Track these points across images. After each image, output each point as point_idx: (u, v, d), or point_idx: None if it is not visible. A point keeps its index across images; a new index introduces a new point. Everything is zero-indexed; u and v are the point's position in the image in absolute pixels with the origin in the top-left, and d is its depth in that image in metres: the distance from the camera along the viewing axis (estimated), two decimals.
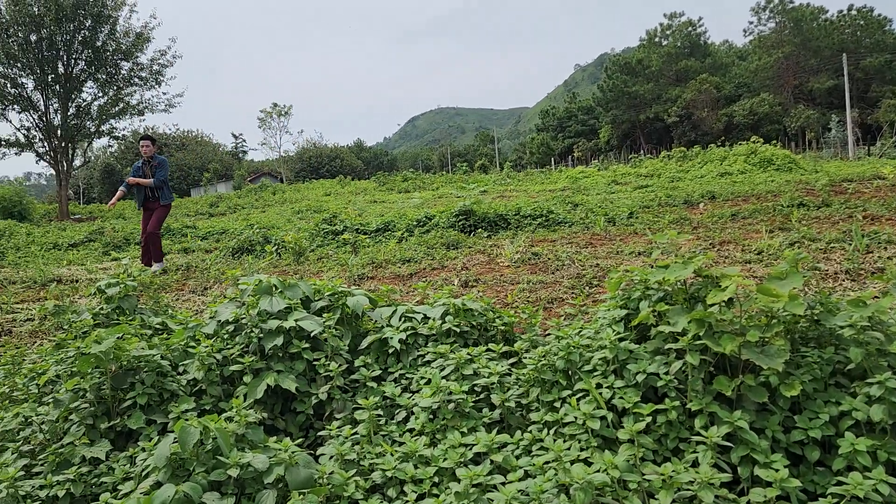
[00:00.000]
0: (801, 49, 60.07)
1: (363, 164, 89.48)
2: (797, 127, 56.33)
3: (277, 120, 78.21)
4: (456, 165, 68.60)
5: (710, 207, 11.23)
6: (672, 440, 2.50)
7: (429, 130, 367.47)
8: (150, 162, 9.98)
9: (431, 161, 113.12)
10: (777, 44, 61.61)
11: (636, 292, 3.02)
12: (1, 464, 2.75)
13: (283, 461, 2.49)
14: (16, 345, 5.68)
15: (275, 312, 3.43)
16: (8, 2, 30.91)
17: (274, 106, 77.41)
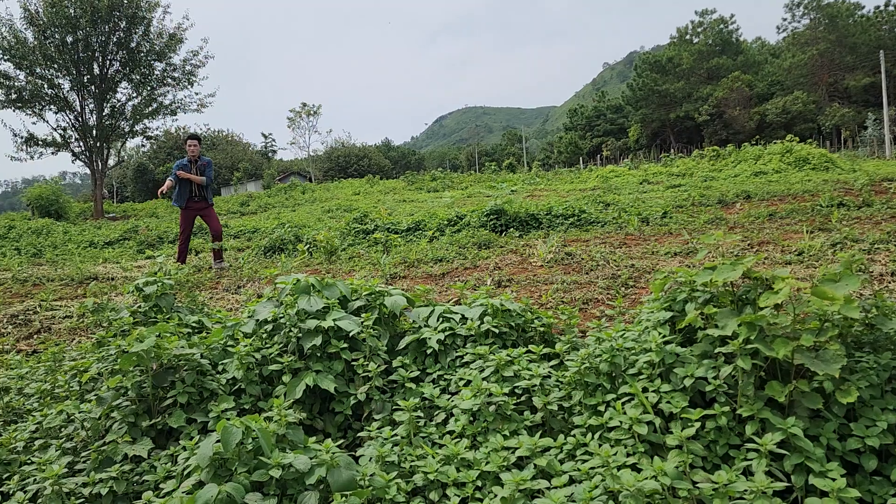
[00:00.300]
0: (837, 46, 58.90)
1: (391, 164, 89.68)
2: (832, 125, 55.28)
3: (306, 119, 78.80)
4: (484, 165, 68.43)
5: (747, 207, 11.04)
6: (722, 447, 2.44)
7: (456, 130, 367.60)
8: (196, 161, 9.99)
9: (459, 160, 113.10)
10: (811, 41, 60.50)
11: (681, 294, 2.95)
12: (45, 461, 2.77)
13: (324, 462, 2.47)
14: (55, 341, 5.76)
15: (313, 312, 3.42)
16: (45, 4, 31.51)
17: (303, 105, 78.00)
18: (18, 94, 32.80)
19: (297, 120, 78.80)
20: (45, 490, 2.61)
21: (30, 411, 3.65)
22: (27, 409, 3.70)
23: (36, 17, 31.88)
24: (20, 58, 31.65)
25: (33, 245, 16.54)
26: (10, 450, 3.07)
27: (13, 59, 31.78)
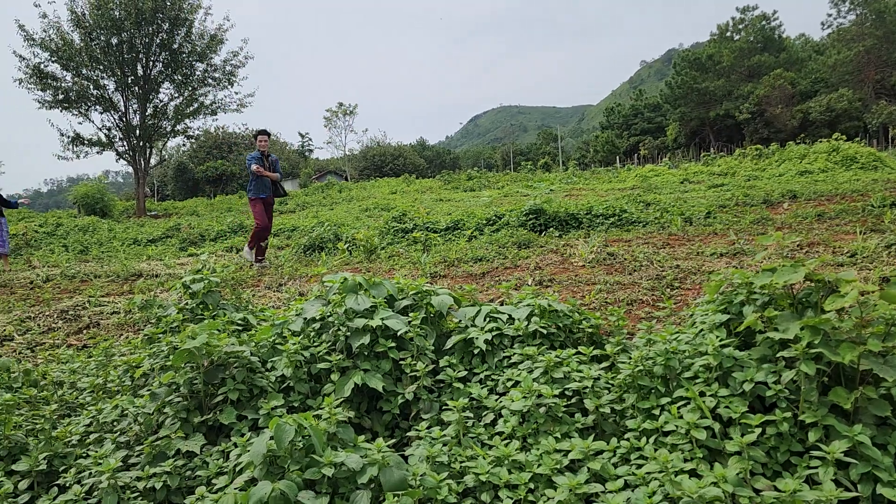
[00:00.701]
0: (884, 42, 57.27)
1: (426, 163, 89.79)
2: (878, 123, 53.79)
3: (343, 119, 79.44)
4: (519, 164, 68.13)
5: (793, 207, 10.79)
6: (783, 453, 2.37)
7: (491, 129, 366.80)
8: (268, 157, 10.13)
9: (494, 160, 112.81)
10: (857, 37, 58.93)
11: (738, 296, 2.88)
12: (101, 455, 2.81)
13: (376, 461, 2.47)
14: (104, 337, 5.87)
15: (360, 311, 3.42)
16: (91, 6, 32.22)
17: (339, 105, 78.64)
18: (65, 95, 33.59)
19: (334, 119, 79.51)
20: (101, 484, 2.65)
21: (83, 405, 3.72)
22: (80, 402, 3.77)
23: (82, 19, 32.62)
24: (67, 59, 32.42)
25: (80, 242, 16.93)
26: (66, 443, 3.13)
27: (60, 61, 32.56)
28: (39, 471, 2.90)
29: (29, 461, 2.89)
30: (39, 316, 6.97)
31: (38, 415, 3.40)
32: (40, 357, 5.32)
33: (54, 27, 32.52)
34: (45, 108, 33.60)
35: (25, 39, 32.03)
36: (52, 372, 4.34)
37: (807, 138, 41.91)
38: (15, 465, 2.92)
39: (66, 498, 2.68)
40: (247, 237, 14.53)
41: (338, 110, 79.16)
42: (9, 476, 2.93)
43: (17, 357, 5.44)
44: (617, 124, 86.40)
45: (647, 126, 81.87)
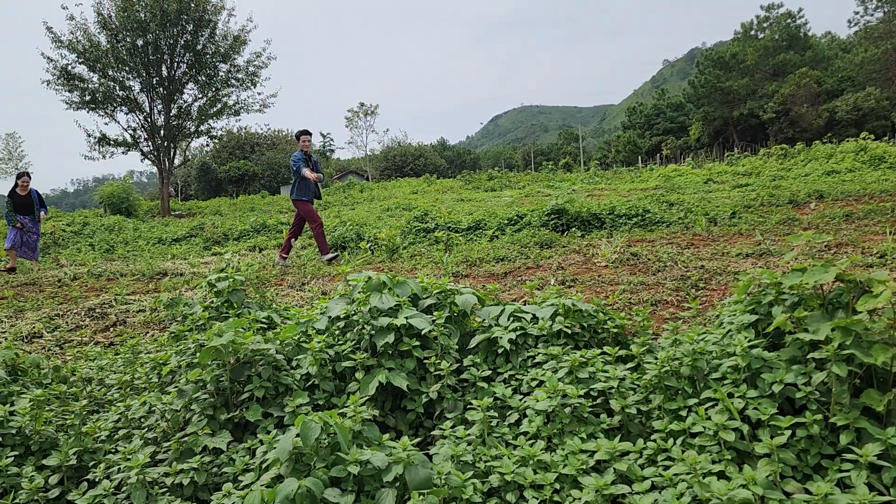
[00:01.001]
0: None
1: (446, 163, 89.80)
2: None
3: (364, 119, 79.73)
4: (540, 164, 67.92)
5: (820, 208, 10.65)
6: (813, 456, 2.33)
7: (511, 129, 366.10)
8: (310, 157, 10.08)
9: (514, 160, 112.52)
10: (885, 34, 57.94)
11: (767, 297, 2.85)
12: (129, 451, 2.84)
13: (401, 460, 2.47)
14: (131, 334, 5.94)
15: (385, 309, 3.43)
16: (118, 8, 32.64)
17: (361, 105, 78.96)
18: (92, 96, 34.05)
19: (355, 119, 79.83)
20: (130, 479, 2.69)
21: (111, 401, 3.77)
22: (108, 399, 3.82)
23: (109, 21, 33.04)
24: (94, 61, 32.87)
25: (106, 241, 17.16)
26: (95, 438, 3.17)
27: (87, 62, 33.03)
28: (69, 466, 2.94)
29: (59, 456, 2.93)
30: (67, 313, 7.07)
31: (67, 410, 3.45)
32: (69, 354, 5.40)
33: (81, 29, 33.00)
34: (72, 109, 34.12)
35: (53, 41, 32.53)
36: (81, 368, 4.40)
37: (833, 138, 41.30)
38: (46, 460, 2.97)
39: (96, 493, 2.72)
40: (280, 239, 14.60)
41: (359, 110, 79.51)
42: (39, 471, 2.97)
43: (46, 354, 5.52)
44: (639, 124, 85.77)
45: (669, 126, 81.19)
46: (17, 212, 12.03)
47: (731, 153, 37.76)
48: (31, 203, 12.21)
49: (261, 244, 13.72)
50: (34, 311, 7.44)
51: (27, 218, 12.16)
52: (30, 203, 12.20)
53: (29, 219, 12.19)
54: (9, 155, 57.45)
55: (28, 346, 5.93)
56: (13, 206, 12.05)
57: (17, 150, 58.06)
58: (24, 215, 12.12)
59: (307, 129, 10.22)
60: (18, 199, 12.13)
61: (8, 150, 57.60)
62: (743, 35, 68.71)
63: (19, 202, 12.12)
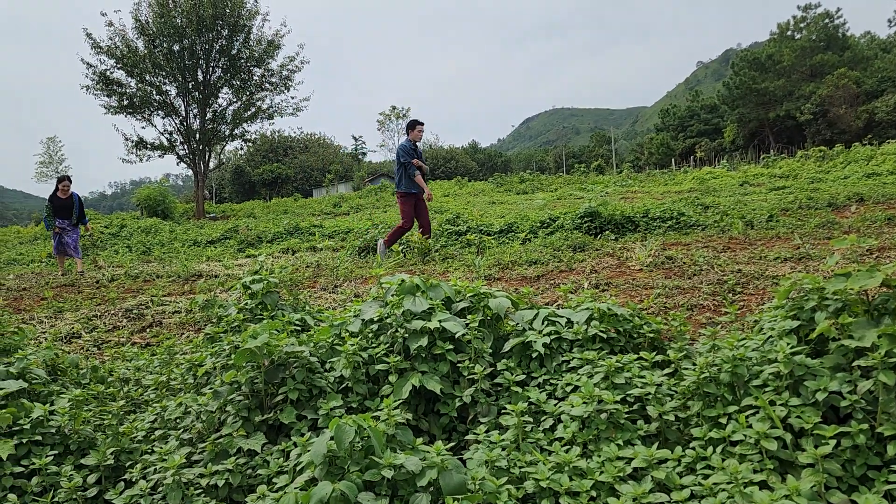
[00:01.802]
0: None
1: (477, 166, 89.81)
2: None
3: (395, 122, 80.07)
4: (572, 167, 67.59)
5: (861, 211, 10.40)
6: (859, 467, 2.26)
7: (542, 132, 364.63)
8: (419, 149, 9.79)
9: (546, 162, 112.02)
10: None
11: (810, 302, 2.77)
12: (166, 451, 2.87)
13: (435, 464, 2.45)
14: (167, 335, 6.02)
15: (418, 313, 3.42)
16: (155, 15, 33.30)
17: (392, 108, 79.40)
18: (130, 101, 34.78)
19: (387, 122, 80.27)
20: (166, 480, 2.71)
21: (147, 402, 3.82)
22: (145, 399, 3.87)
23: (146, 27, 33.74)
24: (132, 66, 33.57)
25: (143, 243, 17.47)
26: (132, 439, 3.21)
27: (125, 68, 33.74)
28: (107, 465, 2.98)
29: (97, 456, 2.97)
30: (105, 314, 7.20)
31: (105, 410, 3.50)
32: (106, 354, 5.49)
33: (120, 35, 33.76)
34: (110, 114, 34.93)
35: (92, 47, 33.31)
36: (118, 369, 4.47)
37: (873, 139, 40.39)
38: (84, 460, 3.01)
39: (132, 493, 2.75)
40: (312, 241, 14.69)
41: (391, 113, 79.94)
42: (78, 470, 3.01)
43: (84, 354, 5.62)
44: (672, 126, 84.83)
45: (703, 128, 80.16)
46: (57, 215, 12.01)
47: (767, 155, 37.15)
48: (71, 206, 12.18)
49: (294, 246, 13.83)
50: (73, 311, 7.59)
51: (66, 221, 12.11)
52: (70, 206, 12.18)
53: (67, 222, 12.14)
54: (49, 158, 58.86)
55: (67, 346, 6.04)
56: (53, 209, 12.05)
57: (57, 153, 59.45)
58: (63, 219, 12.08)
59: (418, 119, 9.88)
60: (59, 203, 12.12)
61: (49, 154, 59.01)
62: (779, 35, 67.63)
63: (59, 205, 12.11)
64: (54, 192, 12.19)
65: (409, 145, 9.65)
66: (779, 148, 60.45)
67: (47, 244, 19.34)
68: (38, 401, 3.56)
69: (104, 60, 33.73)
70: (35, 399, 3.59)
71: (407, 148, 9.64)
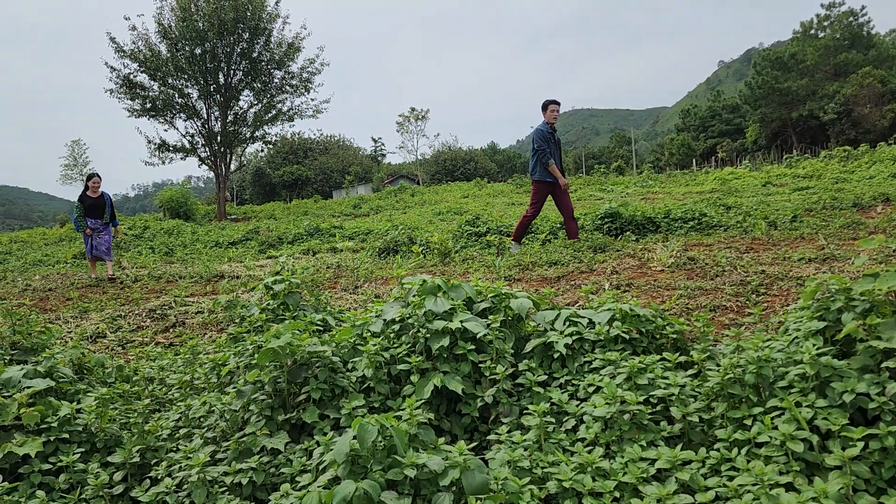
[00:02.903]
0: None
1: (497, 167, 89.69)
2: None
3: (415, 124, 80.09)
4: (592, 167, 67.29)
5: (887, 211, 10.25)
6: (888, 469, 2.23)
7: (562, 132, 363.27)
8: (555, 133, 9.30)
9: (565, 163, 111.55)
10: None
11: (836, 303, 2.74)
12: (190, 450, 2.90)
13: (457, 464, 2.46)
14: (190, 335, 6.08)
15: (440, 313, 3.42)
16: (177, 18, 33.66)
17: (412, 110, 79.32)
18: (153, 104, 35.16)
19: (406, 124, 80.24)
20: (191, 477, 2.74)
21: (172, 401, 3.86)
22: (169, 398, 3.91)
23: (169, 31, 34.09)
24: (154, 69, 33.94)
25: (165, 244, 17.65)
26: (157, 437, 3.25)
27: (148, 71, 34.11)
28: (133, 463, 3.02)
29: (123, 453, 3.01)
30: (129, 314, 7.29)
31: (130, 409, 3.55)
32: (131, 354, 5.55)
33: (143, 39, 34.14)
34: (133, 117, 35.29)
35: (116, 51, 33.70)
36: (143, 368, 4.52)
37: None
38: (110, 457, 3.05)
39: (158, 490, 2.78)
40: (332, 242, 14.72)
41: (410, 115, 79.92)
42: (104, 467, 3.06)
43: (109, 353, 5.69)
44: (693, 126, 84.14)
45: (724, 128, 79.43)
46: (88, 215, 11.32)
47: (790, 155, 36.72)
48: (102, 205, 11.47)
49: (314, 248, 13.90)
50: (98, 311, 7.69)
51: (97, 221, 11.39)
52: (101, 205, 11.47)
53: (99, 222, 11.42)
54: (74, 161, 59.69)
55: (92, 345, 6.13)
56: (83, 209, 11.32)
57: (81, 156, 60.28)
58: (94, 218, 11.37)
59: (556, 99, 9.33)
60: (90, 202, 11.40)
61: (73, 157, 59.85)
62: (802, 34, 66.85)
63: (90, 204, 11.39)
64: (84, 191, 11.52)
65: (545, 129, 9.10)
66: (802, 148, 59.73)
67: (73, 245, 19.61)
68: (66, 399, 3.61)
69: (127, 64, 34.14)
70: (62, 397, 3.65)
71: (543, 133, 9.10)
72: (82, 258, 16.09)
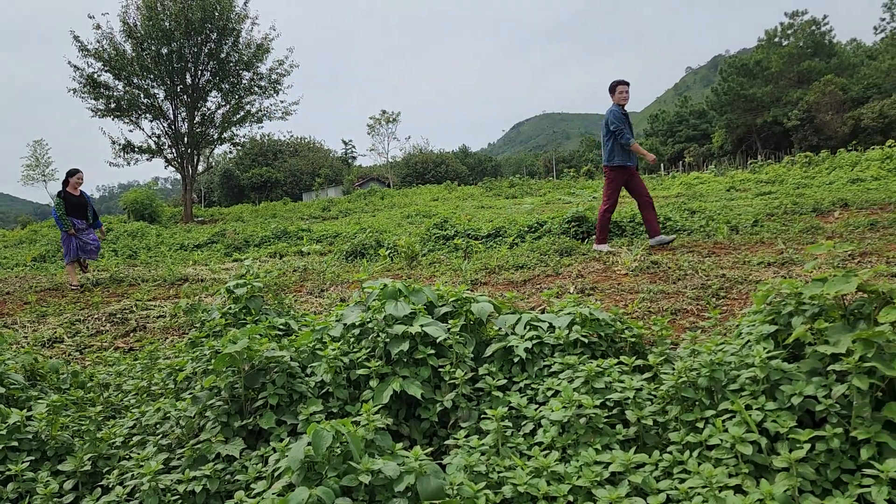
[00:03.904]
0: None
1: (468, 170, 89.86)
2: None
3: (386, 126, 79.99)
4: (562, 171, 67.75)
5: (845, 216, 10.48)
6: (833, 471, 2.27)
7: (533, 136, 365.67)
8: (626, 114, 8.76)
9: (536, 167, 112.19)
10: None
11: (787, 307, 2.79)
12: (143, 457, 2.85)
13: (413, 469, 2.45)
14: (150, 340, 5.99)
15: (400, 317, 3.41)
16: (143, 17, 33.17)
17: (383, 113, 79.26)
18: (117, 104, 34.57)
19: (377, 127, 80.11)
20: (143, 486, 2.69)
21: (127, 407, 3.79)
22: (125, 405, 3.85)
23: (134, 30, 33.58)
24: (119, 69, 33.39)
25: (129, 247, 17.36)
26: (110, 444, 3.19)
27: (113, 71, 33.55)
28: (84, 471, 2.96)
29: (74, 462, 2.95)
30: (89, 319, 7.16)
31: (84, 416, 3.48)
32: (88, 359, 5.45)
33: (107, 38, 33.57)
34: (97, 117, 34.65)
35: (80, 50, 33.11)
36: (99, 374, 4.44)
37: (858, 145, 40.74)
38: (61, 466, 2.99)
39: (109, 499, 2.72)
40: (300, 245, 14.58)
41: (381, 118, 79.79)
42: (55, 476, 2.99)
43: (66, 359, 5.58)
44: (661, 131, 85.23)
45: (692, 133, 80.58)
46: (71, 214, 10.38)
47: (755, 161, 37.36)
48: (85, 204, 10.62)
49: (281, 251, 13.79)
50: (56, 316, 7.54)
51: (81, 222, 10.50)
52: (84, 204, 10.60)
53: (84, 223, 10.54)
54: (36, 161, 58.49)
55: (49, 350, 6.00)
56: (65, 207, 10.34)
57: (44, 156, 59.10)
58: (78, 218, 10.48)
59: (623, 80, 8.79)
60: (73, 200, 10.45)
61: (35, 157, 58.64)
62: (767, 42, 68.17)
63: (74, 203, 10.45)
64: (64, 189, 10.52)
65: (618, 110, 8.61)
66: (766, 153, 60.84)
67: (33, 248, 19.18)
68: (16, 406, 3.53)
69: (91, 63, 33.53)
70: (12, 405, 3.56)
71: (617, 113, 8.60)
72: (42, 261, 15.75)
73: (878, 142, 38.92)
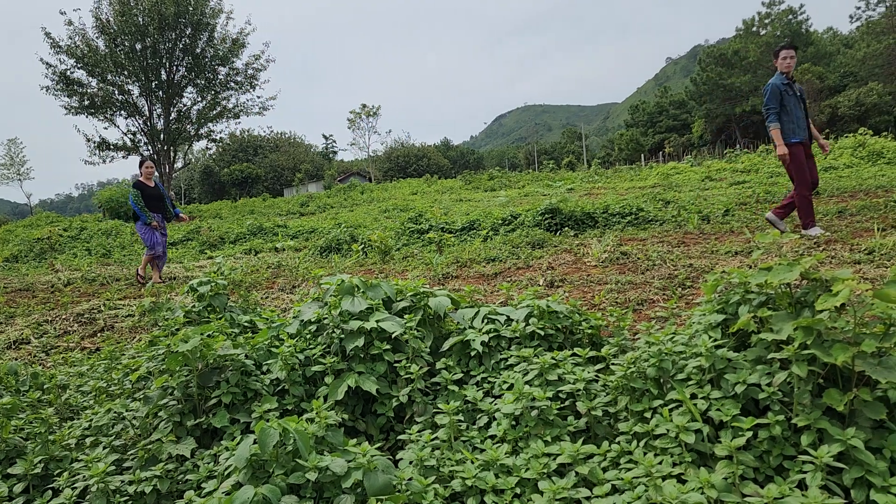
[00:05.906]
0: None
1: (449, 163, 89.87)
2: None
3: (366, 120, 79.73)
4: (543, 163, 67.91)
5: (815, 203, 10.58)
6: (775, 458, 2.30)
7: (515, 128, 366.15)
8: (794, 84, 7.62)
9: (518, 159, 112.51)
10: (888, 29, 57.80)
11: (735, 296, 2.81)
12: (93, 458, 2.82)
13: (361, 466, 2.44)
14: (116, 340, 5.93)
15: (356, 313, 3.40)
16: (116, 13, 32.78)
17: (363, 107, 78.99)
18: (91, 101, 34.21)
19: (357, 121, 79.84)
20: (92, 488, 2.67)
21: (85, 408, 3.76)
22: (83, 406, 3.81)
23: (107, 25, 33.19)
24: (93, 65, 33.02)
25: (103, 246, 17.18)
26: (64, 446, 3.15)
27: (86, 67, 33.18)
28: (35, 474, 2.93)
29: (25, 464, 2.91)
30: (56, 319, 7.07)
31: (38, 418, 3.44)
32: (51, 361, 5.39)
33: (80, 34, 33.20)
34: (71, 114, 34.28)
35: (52, 47, 32.71)
36: (59, 375, 4.39)
37: (834, 133, 41.17)
38: (11, 469, 2.95)
39: (59, 501, 2.70)
40: (274, 242, 14.50)
41: (361, 112, 79.50)
42: (5, 479, 2.96)
43: (31, 360, 5.52)
44: (642, 122, 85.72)
45: (672, 123, 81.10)
46: (149, 207, 9.56)
47: (731, 150, 37.63)
48: (161, 196, 9.70)
49: (257, 247, 13.71)
50: (24, 317, 7.44)
51: (159, 216, 9.68)
52: (160, 196, 9.69)
53: (161, 216, 9.75)
54: (10, 160, 57.70)
55: (15, 352, 5.93)
56: (144, 199, 9.49)
57: (18, 155, 58.31)
58: (156, 212, 9.67)
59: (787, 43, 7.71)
60: (149, 192, 9.58)
61: (10, 156, 57.83)
62: (745, 32, 68.62)
63: (151, 195, 9.58)
64: (138, 179, 9.72)
65: (778, 83, 7.42)
66: (745, 143, 61.35)
67: (5, 248, 18.91)
68: None
69: (64, 60, 33.15)
70: None
71: (777, 87, 7.41)
72: (14, 261, 15.55)
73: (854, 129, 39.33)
